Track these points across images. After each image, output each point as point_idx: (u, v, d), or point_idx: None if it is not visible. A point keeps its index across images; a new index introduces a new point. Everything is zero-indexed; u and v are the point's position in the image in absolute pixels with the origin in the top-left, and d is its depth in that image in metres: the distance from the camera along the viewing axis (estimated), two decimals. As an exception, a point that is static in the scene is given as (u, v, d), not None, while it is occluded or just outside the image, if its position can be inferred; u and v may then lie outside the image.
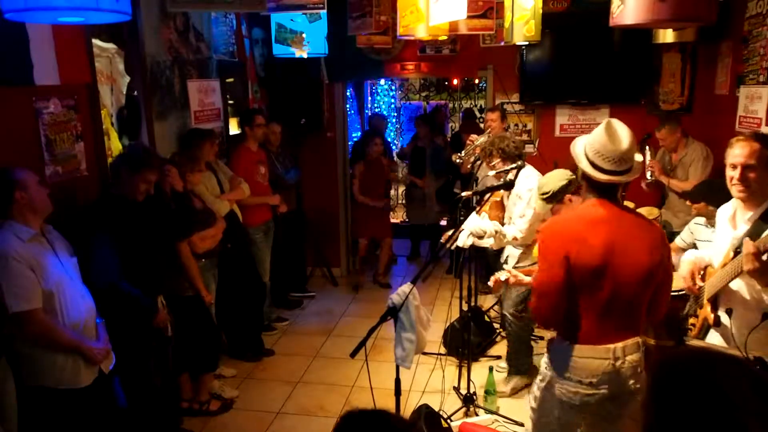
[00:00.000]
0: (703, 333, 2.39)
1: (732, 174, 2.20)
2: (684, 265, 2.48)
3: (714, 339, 2.35)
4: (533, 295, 2.26)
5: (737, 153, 2.18)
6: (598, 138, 2.09)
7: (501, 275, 2.94)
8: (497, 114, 4.95)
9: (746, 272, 2.06)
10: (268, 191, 4.73)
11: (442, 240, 3.14)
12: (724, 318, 2.28)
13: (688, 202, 3.41)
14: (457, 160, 4.93)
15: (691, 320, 2.47)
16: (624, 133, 2.08)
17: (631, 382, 2.15)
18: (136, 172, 2.93)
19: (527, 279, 2.86)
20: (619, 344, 2.13)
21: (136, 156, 3.03)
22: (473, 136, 4.96)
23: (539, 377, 2.38)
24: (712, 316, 2.31)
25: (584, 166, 2.13)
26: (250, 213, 4.49)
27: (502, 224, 3.67)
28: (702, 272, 2.42)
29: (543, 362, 2.35)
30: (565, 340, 2.20)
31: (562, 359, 2.20)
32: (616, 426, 2.24)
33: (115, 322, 2.84)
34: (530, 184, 3.51)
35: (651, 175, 4.47)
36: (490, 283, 3.04)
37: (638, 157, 2.17)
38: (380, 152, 6.01)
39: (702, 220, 3.52)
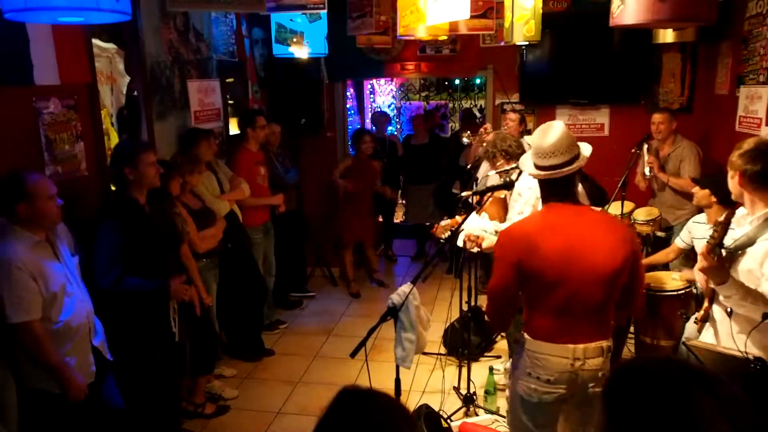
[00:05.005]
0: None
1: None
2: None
3: (707, 333, 2.37)
4: (487, 298, 2.28)
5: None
6: (533, 139, 2.18)
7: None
8: (518, 116, 5.00)
9: (699, 270, 2.11)
10: (267, 193, 4.72)
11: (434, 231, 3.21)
12: (717, 315, 2.30)
13: (694, 189, 3.39)
14: (466, 140, 5.03)
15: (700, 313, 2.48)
16: (555, 129, 2.12)
17: (591, 385, 2.16)
18: (137, 163, 2.82)
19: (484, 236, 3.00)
20: (580, 346, 2.12)
21: (127, 149, 2.96)
22: (488, 125, 5.06)
23: (509, 375, 2.39)
24: (702, 312, 2.33)
25: (527, 168, 2.20)
26: (249, 214, 4.49)
27: (503, 222, 3.67)
28: None
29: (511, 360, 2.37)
30: (526, 336, 2.21)
31: (523, 355, 2.22)
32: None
33: (121, 323, 2.84)
34: (531, 182, 3.50)
35: (650, 171, 4.48)
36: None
37: (585, 149, 2.17)
38: (370, 150, 5.67)
39: (701, 218, 3.52)
